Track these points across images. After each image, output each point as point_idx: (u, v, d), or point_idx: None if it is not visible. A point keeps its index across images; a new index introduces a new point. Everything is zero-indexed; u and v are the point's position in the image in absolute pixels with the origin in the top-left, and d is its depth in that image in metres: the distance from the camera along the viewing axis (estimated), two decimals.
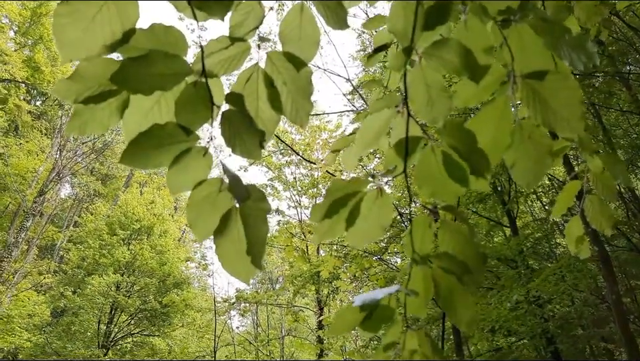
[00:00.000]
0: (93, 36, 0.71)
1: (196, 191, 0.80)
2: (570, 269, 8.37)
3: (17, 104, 18.73)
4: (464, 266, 0.82)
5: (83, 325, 17.51)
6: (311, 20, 0.93)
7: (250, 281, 0.79)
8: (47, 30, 19.49)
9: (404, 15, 0.87)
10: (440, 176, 0.88)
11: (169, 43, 0.78)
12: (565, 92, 0.89)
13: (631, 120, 10.05)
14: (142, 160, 0.77)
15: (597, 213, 1.31)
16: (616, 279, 7.70)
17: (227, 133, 0.78)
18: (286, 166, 16.82)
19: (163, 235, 20.21)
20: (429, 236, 0.90)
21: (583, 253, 1.37)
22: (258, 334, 20.79)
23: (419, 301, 0.85)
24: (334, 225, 0.90)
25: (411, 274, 0.87)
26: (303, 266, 13.74)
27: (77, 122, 0.83)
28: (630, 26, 8.03)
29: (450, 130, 0.86)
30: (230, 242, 0.78)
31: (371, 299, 0.79)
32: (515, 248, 9.32)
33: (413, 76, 0.94)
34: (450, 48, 0.88)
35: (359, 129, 1.07)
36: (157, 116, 0.85)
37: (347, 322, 0.83)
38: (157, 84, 0.75)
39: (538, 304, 8.80)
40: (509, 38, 0.91)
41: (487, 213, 11.06)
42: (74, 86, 0.77)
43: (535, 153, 0.93)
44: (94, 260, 18.41)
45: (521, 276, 9.23)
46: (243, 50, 0.89)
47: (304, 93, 0.92)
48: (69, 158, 20.55)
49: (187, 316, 19.41)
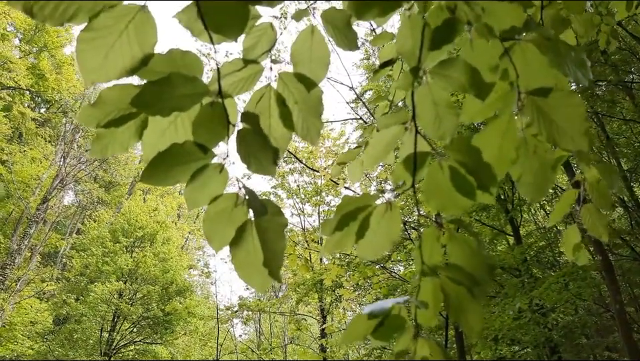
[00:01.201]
0: (113, 62, 0.75)
1: (212, 205, 0.83)
2: (573, 278, 8.35)
3: (21, 111, 18.86)
4: (472, 278, 0.85)
5: (85, 333, 17.48)
6: (321, 42, 0.97)
7: (266, 290, 0.82)
8: (52, 38, 19.67)
9: (411, 36, 0.90)
10: (447, 191, 0.90)
11: (186, 66, 0.82)
12: (568, 109, 0.92)
13: (634, 129, 10.06)
14: (161, 178, 0.81)
15: (593, 221, 1.34)
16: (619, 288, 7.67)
17: (243, 151, 0.82)
18: (289, 173, 16.86)
19: (165, 242, 20.22)
20: (438, 249, 0.92)
21: (581, 260, 1.39)
22: (261, 342, 20.71)
23: (429, 311, 0.88)
24: (344, 238, 0.93)
25: (421, 285, 0.89)
26: (306, 274, 13.72)
27: (99, 145, 0.87)
28: (633, 35, 8.08)
29: (457, 146, 0.89)
30: (245, 253, 0.81)
31: (381, 308, 0.82)
32: (518, 257, 9.30)
33: (421, 94, 0.97)
34: (456, 67, 0.91)
35: (368, 145, 1.10)
36: (173, 135, 0.89)
37: (359, 330, 0.86)
38: (175, 105, 0.79)
39: (541, 312, 8.77)
40: (513, 56, 0.94)
41: (490, 221, 11.05)
42: (96, 112, 0.82)
43: (539, 168, 0.96)
44: (97, 268, 18.41)
45: (525, 285, 9.20)
46: (255, 72, 0.93)
47: (315, 112, 0.96)
48: (72, 165, 20.64)
49: (190, 323, 19.36)
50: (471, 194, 0.87)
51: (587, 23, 1.81)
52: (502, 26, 0.92)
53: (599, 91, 8.88)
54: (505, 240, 12.01)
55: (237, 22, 0.78)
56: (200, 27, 0.79)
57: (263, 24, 0.93)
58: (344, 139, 15.66)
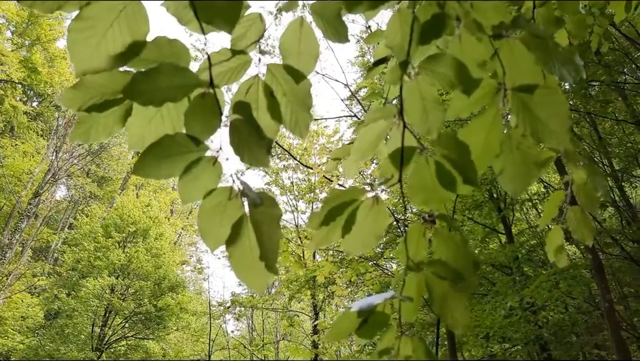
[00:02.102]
0: (105, 51, 0.75)
1: (206, 200, 0.83)
2: (564, 276, 8.42)
3: (13, 104, 18.67)
4: (457, 273, 0.85)
5: (76, 327, 17.40)
6: (310, 34, 0.97)
7: (264, 290, 0.81)
8: (45, 31, 19.48)
9: (400, 30, 0.91)
10: (432, 185, 0.91)
11: (173, 55, 0.81)
12: (553, 106, 0.93)
13: (626, 130, 10.14)
14: (153, 170, 0.80)
15: (578, 223, 1.35)
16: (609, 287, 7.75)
17: (236, 142, 0.81)
18: (283, 170, 16.84)
19: (158, 238, 20.15)
20: (423, 244, 0.93)
21: (561, 263, 1.40)
22: (253, 338, 20.73)
23: (411, 306, 0.88)
24: (330, 232, 0.93)
25: (406, 280, 0.90)
26: (298, 271, 13.73)
27: (81, 129, 0.86)
28: (626, 36, 8.13)
29: (444, 141, 0.90)
30: (242, 251, 0.81)
31: (368, 305, 0.82)
32: (510, 255, 9.36)
33: (409, 89, 0.98)
34: (444, 63, 0.92)
35: (357, 138, 1.10)
36: (159, 124, 0.89)
37: (343, 328, 0.86)
38: (167, 96, 0.79)
39: (532, 310, 8.83)
40: (501, 52, 0.95)
41: (482, 220, 11.11)
42: (79, 95, 0.80)
43: (522, 163, 0.97)
44: (89, 263, 18.32)
45: (516, 283, 9.27)
46: (243, 63, 0.92)
47: (303, 105, 0.95)
48: (64, 159, 20.49)
49: (182, 319, 19.33)
50: (452, 186, 0.88)
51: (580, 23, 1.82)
52: (490, 22, 0.92)
53: (591, 91, 8.94)
54: (497, 239, 12.08)
55: (229, 15, 0.78)
56: (188, 15, 0.79)
57: (252, 14, 0.93)
58: (338, 136, 15.65)
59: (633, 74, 9.95)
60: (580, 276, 8.63)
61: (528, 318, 8.69)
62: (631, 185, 12.40)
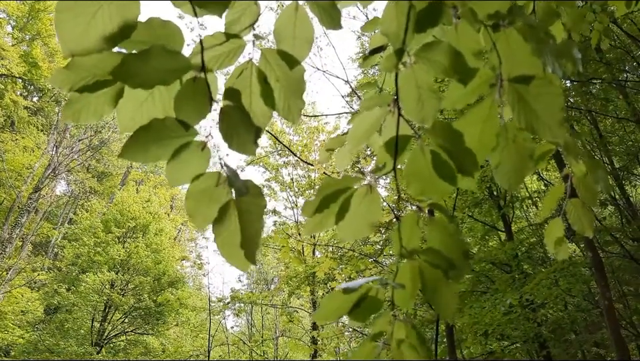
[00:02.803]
0: (94, 32, 0.73)
1: (194, 184, 0.83)
2: (563, 274, 8.42)
3: (14, 99, 18.67)
4: (449, 261, 0.85)
5: (76, 322, 17.44)
6: (305, 20, 0.96)
7: (247, 269, 0.82)
8: (45, 25, 19.44)
9: (396, 17, 0.90)
10: (428, 175, 0.91)
11: (166, 37, 0.80)
12: (548, 98, 0.92)
13: (627, 128, 10.12)
14: (142, 153, 0.80)
15: (578, 216, 1.34)
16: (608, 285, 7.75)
17: (225, 128, 0.81)
18: (283, 167, 16.86)
19: (158, 233, 20.18)
20: (417, 233, 0.93)
21: (561, 255, 1.40)
22: (252, 334, 20.79)
23: (406, 294, 0.88)
24: (324, 219, 0.93)
25: (399, 267, 0.89)
26: (298, 267, 13.75)
27: (71, 109, 0.85)
28: (627, 34, 8.10)
29: (439, 130, 0.89)
30: (228, 232, 0.81)
31: (354, 285, 0.82)
32: (509, 253, 9.36)
33: (404, 77, 0.97)
34: (440, 51, 0.91)
35: (351, 126, 1.10)
36: (150, 107, 0.88)
37: (334, 309, 0.86)
38: (157, 79, 0.78)
39: (531, 308, 8.84)
40: (497, 42, 0.94)
41: (482, 217, 11.11)
42: (70, 75, 0.79)
43: (518, 156, 0.96)
44: (89, 258, 18.35)
45: (515, 281, 9.27)
46: (237, 47, 0.92)
47: (296, 90, 0.95)
48: (65, 154, 20.49)
49: (181, 315, 19.38)
50: (451, 179, 0.88)
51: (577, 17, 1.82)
52: (486, 11, 0.92)
53: (592, 89, 8.91)
54: (496, 236, 12.09)
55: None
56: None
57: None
58: (338, 133, 15.65)
59: (634, 72, 9.92)
60: (579, 274, 8.63)
61: (527, 316, 8.70)
62: (631, 183, 12.39)
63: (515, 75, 0.93)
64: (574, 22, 1.62)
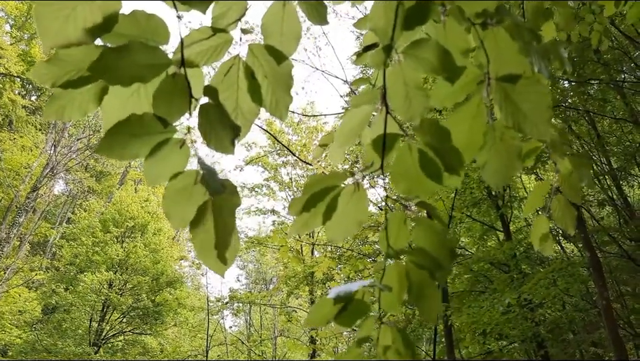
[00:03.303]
0: (74, 25, 0.72)
1: (172, 183, 0.81)
2: (561, 274, 8.43)
3: (12, 98, 18.63)
4: (436, 262, 0.85)
5: (74, 322, 17.41)
6: (293, 15, 0.95)
7: (224, 272, 0.81)
8: None
9: (384, 14, 0.89)
10: (415, 173, 0.90)
11: (151, 30, 0.79)
12: (534, 97, 0.92)
13: (625, 128, 10.13)
14: (119, 149, 0.79)
15: (562, 213, 1.35)
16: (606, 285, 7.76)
17: (204, 126, 0.80)
18: (282, 166, 16.86)
19: (157, 233, 20.15)
20: (405, 232, 0.92)
21: (546, 251, 1.40)
22: (251, 334, 20.77)
23: (393, 297, 0.87)
24: (311, 218, 0.93)
25: (386, 269, 0.89)
26: (297, 267, 13.75)
27: (54, 105, 0.84)
28: (625, 35, 8.10)
29: (427, 127, 0.89)
30: (205, 234, 0.80)
31: (346, 291, 0.81)
32: (508, 253, 9.36)
33: (392, 74, 0.96)
34: (428, 48, 0.91)
35: (341, 123, 1.09)
36: (136, 104, 0.87)
37: (322, 314, 0.85)
38: (136, 75, 0.77)
39: (529, 307, 8.84)
40: (485, 41, 0.93)
41: (481, 217, 11.11)
42: (53, 69, 0.78)
43: (505, 154, 0.96)
44: (87, 257, 18.32)
45: (514, 280, 9.27)
46: (224, 42, 0.90)
47: (284, 86, 0.94)
48: (63, 154, 20.46)
49: (180, 315, 19.36)
50: (438, 177, 0.87)
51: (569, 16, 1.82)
52: (474, 9, 0.91)
53: (590, 90, 8.92)
54: (495, 236, 12.08)
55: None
56: None
57: None
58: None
59: (632, 73, 9.93)
60: (577, 274, 8.64)
61: (525, 315, 8.70)
62: (629, 184, 12.40)
63: (503, 74, 0.92)
64: (566, 22, 1.62)
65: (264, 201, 17.29)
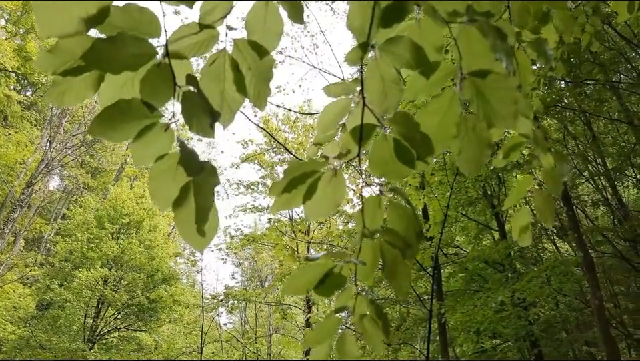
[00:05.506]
0: (69, 16, 0.77)
1: (157, 164, 0.89)
2: (555, 273, 8.49)
3: (7, 93, 18.58)
4: (405, 241, 0.92)
5: (69, 318, 17.39)
6: (275, 13, 1.02)
7: (203, 248, 0.89)
8: None
9: (361, 13, 0.96)
10: (390, 159, 0.97)
11: (143, 23, 0.86)
12: (502, 92, 0.99)
13: (620, 129, 10.19)
14: (109, 131, 0.86)
15: (542, 206, 1.41)
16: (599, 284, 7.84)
17: (186, 112, 0.87)
18: (278, 164, 16.89)
19: (152, 230, 20.14)
20: (379, 215, 1.00)
21: (524, 242, 1.47)
22: (245, 332, 20.81)
23: (366, 270, 0.96)
24: (292, 198, 1.00)
25: (362, 246, 0.96)
26: (292, 265, 13.78)
27: (55, 92, 0.91)
28: (621, 35, 8.17)
29: (400, 119, 0.96)
30: (187, 212, 0.87)
31: (314, 256, 0.89)
32: (502, 252, 9.41)
33: (370, 69, 1.03)
34: (402, 45, 0.97)
35: (321, 113, 1.17)
36: (130, 91, 0.93)
37: (300, 284, 0.92)
38: (125, 64, 0.83)
39: (523, 306, 8.90)
40: (459, 38, 1.00)
41: (476, 216, 11.16)
42: (53, 59, 0.85)
43: (477, 144, 1.03)
44: (81, 254, 18.29)
45: (508, 279, 9.34)
46: (211, 37, 0.98)
47: (265, 78, 1.01)
48: (58, 149, 20.42)
49: (175, 311, 19.36)
50: (410, 163, 0.94)
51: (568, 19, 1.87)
52: (446, 9, 0.98)
53: (586, 90, 8.97)
54: (490, 235, 12.14)
55: None
56: None
57: None
58: None
59: (628, 74, 10.01)
60: (571, 273, 8.69)
61: (519, 314, 8.75)
62: (623, 184, 12.48)
63: (474, 69, 0.99)
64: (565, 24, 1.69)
65: (260, 199, 17.34)
